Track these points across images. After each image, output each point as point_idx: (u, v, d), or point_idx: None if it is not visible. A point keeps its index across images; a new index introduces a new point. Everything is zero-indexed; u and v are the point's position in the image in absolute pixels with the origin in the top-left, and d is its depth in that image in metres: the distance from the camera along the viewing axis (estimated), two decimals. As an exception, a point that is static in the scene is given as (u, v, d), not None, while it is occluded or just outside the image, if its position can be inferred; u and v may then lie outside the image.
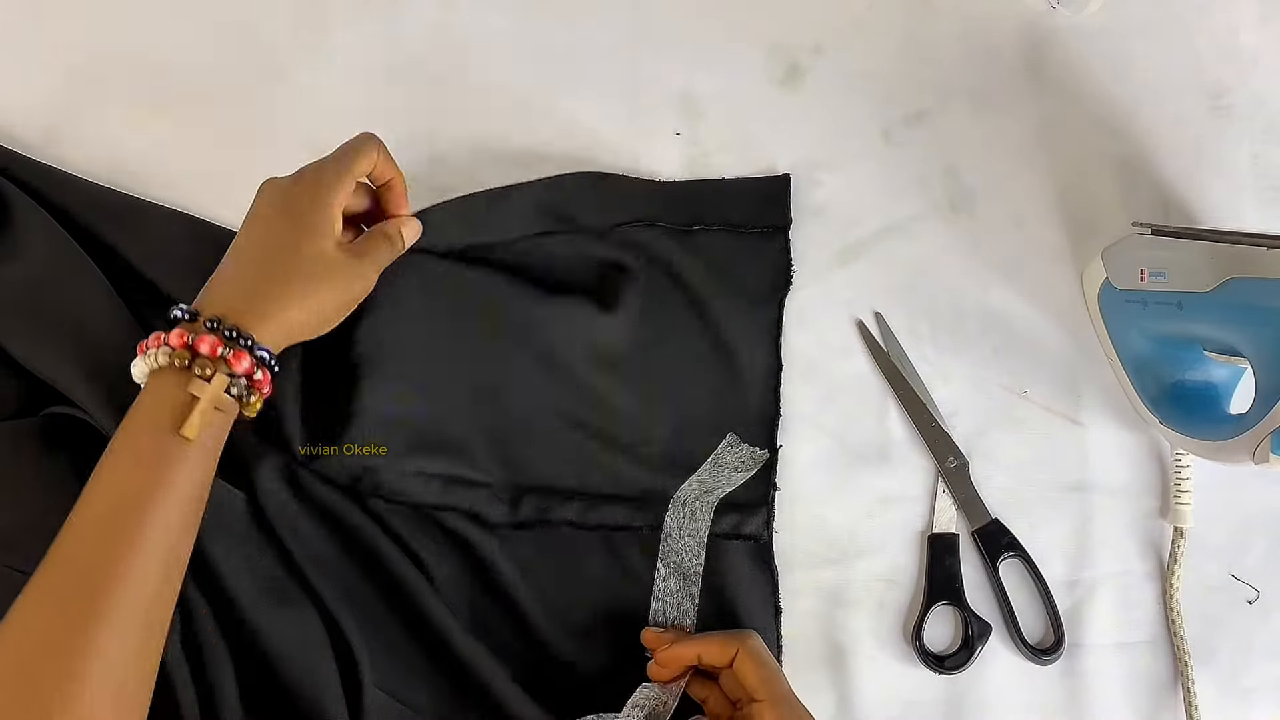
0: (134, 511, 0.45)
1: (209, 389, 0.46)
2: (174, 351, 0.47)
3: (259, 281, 0.49)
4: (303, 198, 0.52)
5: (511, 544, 0.59)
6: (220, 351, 0.47)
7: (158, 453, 0.46)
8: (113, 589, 0.44)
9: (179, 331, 0.47)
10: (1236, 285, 0.51)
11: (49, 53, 0.66)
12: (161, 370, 0.47)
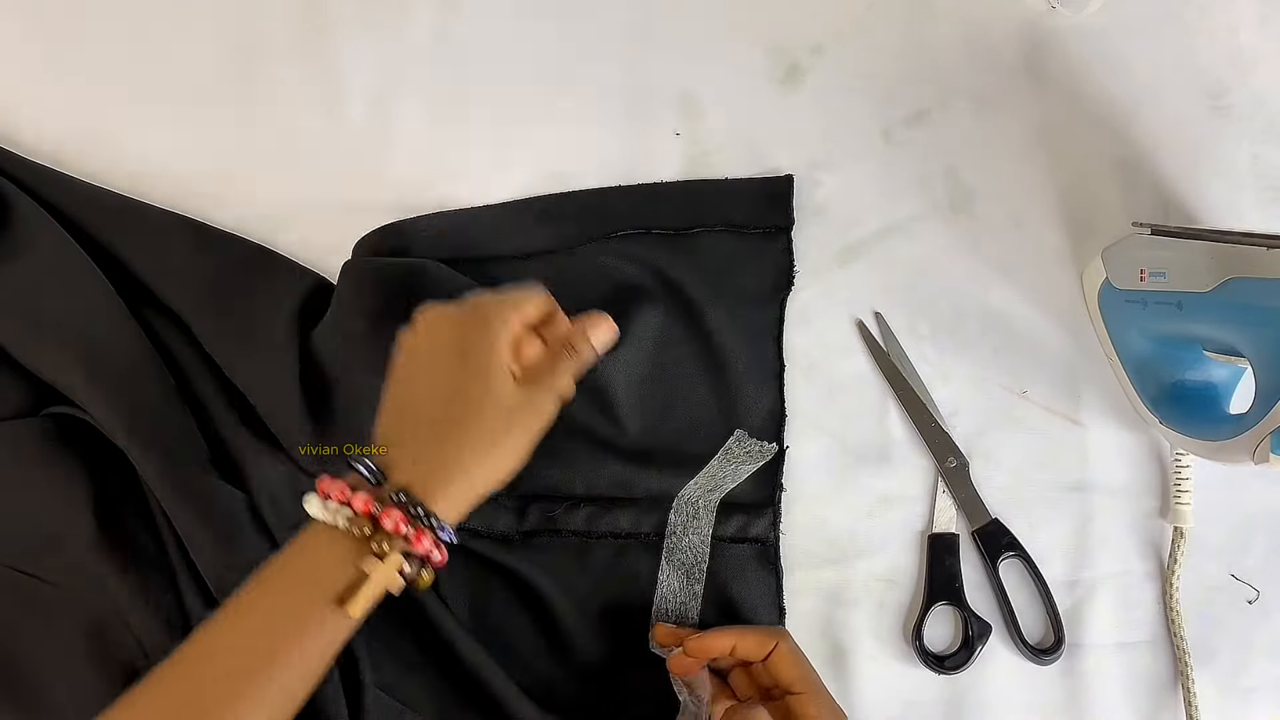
0: (266, 667, 0.42)
1: (382, 569, 0.43)
2: (355, 517, 0.44)
3: (443, 444, 0.45)
4: (473, 335, 0.47)
5: (515, 547, 0.59)
6: (403, 529, 0.44)
7: (311, 617, 0.43)
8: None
9: (364, 497, 0.44)
10: (1236, 285, 0.51)
11: (49, 54, 0.66)
12: (335, 530, 0.44)
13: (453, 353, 0.47)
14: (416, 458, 0.45)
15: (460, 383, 0.46)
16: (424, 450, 0.45)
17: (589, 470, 0.59)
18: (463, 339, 0.47)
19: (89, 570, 0.57)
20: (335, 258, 0.64)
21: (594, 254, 0.62)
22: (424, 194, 0.64)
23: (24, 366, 0.59)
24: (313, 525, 0.45)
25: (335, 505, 0.44)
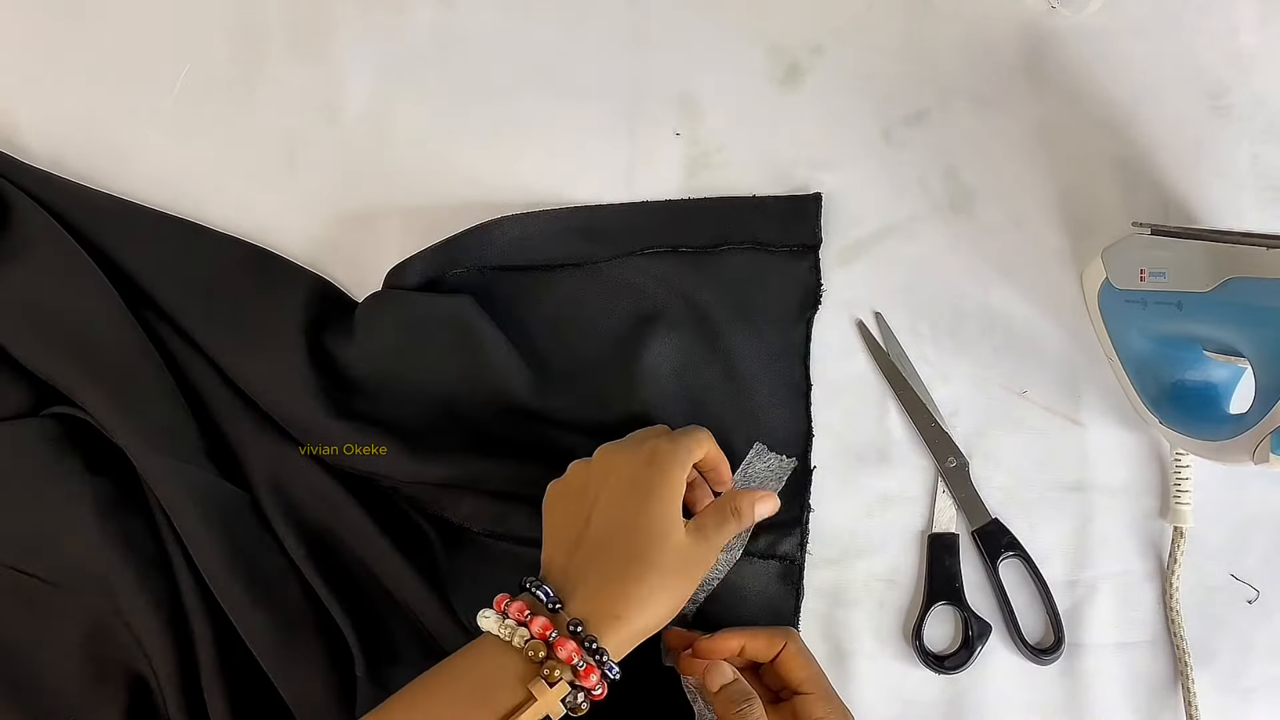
0: None
1: (550, 695, 0.44)
2: (531, 640, 0.45)
3: (622, 584, 0.47)
4: (654, 481, 0.49)
5: (530, 547, 0.59)
6: (575, 661, 0.45)
7: None
8: None
9: (543, 622, 0.45)
10: (1236, 285, 0.51)
11: (48, 57, 0.66)
12: (508, 646, 0.46)
13: (632, 497, 0.49)
14: (593, 593, 0.47)
15: (641, 527, 0.48)
16: (601, 587, 0.47)
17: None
18: (644, 484, 0.49)
19: (89, 570, 0.57)
20: (334, 258, 0.64)
21: (620, 270, 0.62)
22: (423, 194, 0.64)
23: (24, 366, 0.59)
24: (484, 638, 0.47)
25: (513, 623, 0.46)
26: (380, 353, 0.59)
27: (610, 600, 0.47)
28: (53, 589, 0.57)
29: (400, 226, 0.64)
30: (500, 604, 0.47)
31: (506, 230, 0.62)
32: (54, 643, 0.57)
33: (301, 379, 0.59)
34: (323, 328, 0.61)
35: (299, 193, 0.64)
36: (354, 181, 0.65)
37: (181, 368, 0.61)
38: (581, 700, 0.46)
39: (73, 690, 0.56)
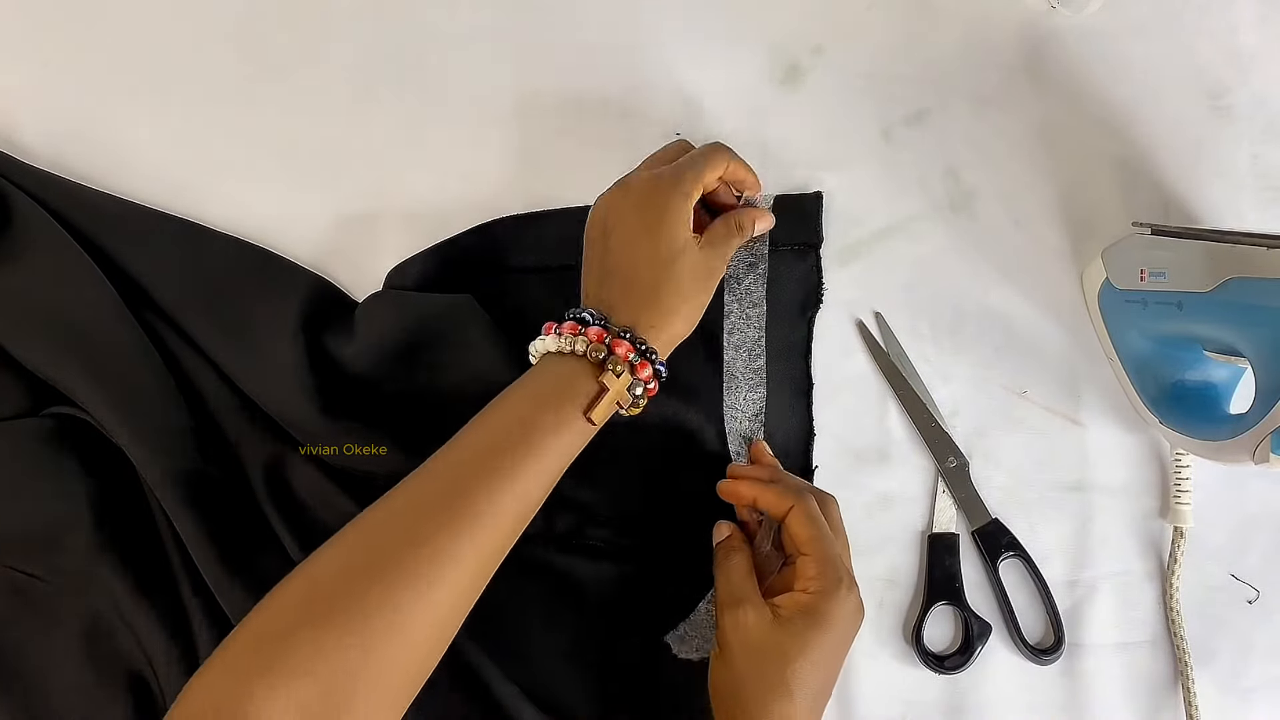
0: (520, 455, 0.48)
1: (618, 384, 0.50)
2: (592, 345, 0.50)
3: (649, 300, 0.53)
4: (656, 205, 0.54)
5: (539, 546, 0.59)
6: (630, 357, 0.51)
7: (561, 416, 0.49)
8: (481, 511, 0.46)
9: (598, 330, 0.51)
10: (1236, 285, 0.51)
11: (47, 57, 0.66)
12: (572, 358, 0.51)
13: (640, 225, 0.54)
14: (628, 311, 0.52)
15: (653, 254, 0.53)
16: (634, 307, 0.52)
17: (618, 490, 0.59)
18: (648, 212, 0.54)
19: (89, 570, 0.57)
20: (334, 258, 0.64)
21: None
22: (423, 195, 0.64)
23: (24, 366, 0.59)
24: (542, 360, 0.52)
25: (570, 337, 0.51)
26: (380, 353, 0.59)
27: (646, 315, 0.52)
28: (53, 589, 0.57)
29: (400, 226, 0.64)
30: (549, 329, 0.52)
31: (507, 231, 0.62)
32: (54, 643, 0.57)
33: (301, 379, 0.59)
34: (322, 328, 0.61)
35: (299, 193, 0.64)
36: (354, 182, 0.65)
37: (181, 368, 0.61)
38: (640, 393, 0.52)
39: (73, 690, 0.57)
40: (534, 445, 0.48)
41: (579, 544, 0.59)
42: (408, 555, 0.44)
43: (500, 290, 0.61)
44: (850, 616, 0.52)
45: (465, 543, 0.45)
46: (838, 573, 0.52)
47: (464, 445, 0.49)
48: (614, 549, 0.59)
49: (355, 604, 0.42)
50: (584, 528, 0.59)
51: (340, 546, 0.45)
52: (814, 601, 0.51)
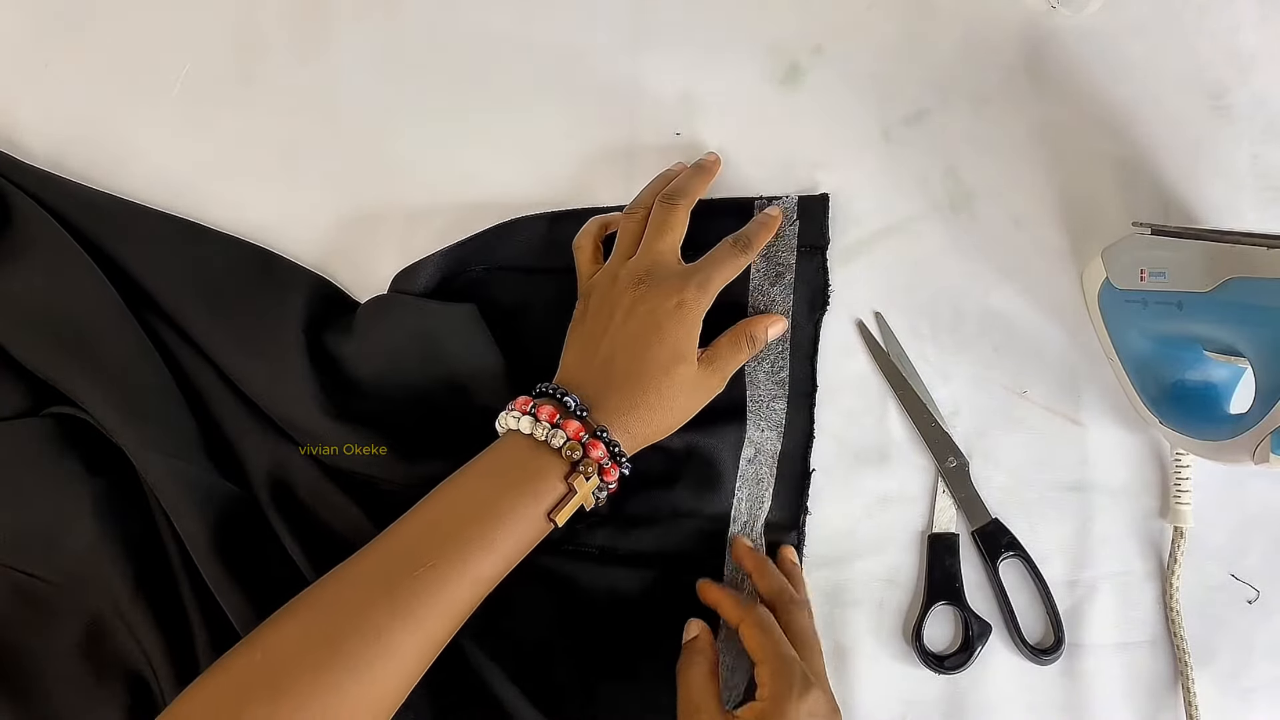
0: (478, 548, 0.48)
1: (585, 488, 0.50)
2: (569, 442, 0.50)
3: (634, 400, 0.52)
4: (675, 324, 0.54)
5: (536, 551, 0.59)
6: (603, 461, 0.51)
7: (524, 517, 0.49)
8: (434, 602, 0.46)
9: (576, 426, 0.50)
10: (1236, 285, 0.51)
11: (47, 57, 0.66)
12: (544, 449, 0.50)
13: (653, 334, 0.53)
14: (611, 407, 0.52)
15: (655, 362, 0.53)
16: (616, 403, 0.52)
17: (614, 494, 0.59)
18: (666, 327, 0.54)
19: (89, 570, 0.57)
20: (334, 258, 0.64)
21: None
22: (424, 195, 0.64)
23: (24, 366, 0.59)
24: (513, 439, 0.51)
25: (546, 425, 0.50)
26: (381, 355, 0.59)
27: (625, 417, 0.52)
28: (53, 589, 0.57)
29: (401, 227, 0.64)
30: (524, 405, 0.51)
31: (517, 233, 0.62)
32: (54, 643, 0.57)
33: (302, 379, 0.59)
34: (323, 328, 0.61)
35: (299, 193, 0.64)
36: (354, 181, 0.65)
37: (181, 368, 0.61)
38: (604, 497, 0.52)
39: (73, 690, 0.56)
40: (493, 540, 0.48)
41: (575, 550, 0.59)
42: (358, 645, 0.45)
43: (502, 292, 0.61)
44: (809, 717, 0.50)
45: (418, 634, 0.46)
46: (790, 679, 0.51)
47: (422, 525, 0.49)
48: (611, 555, 0.59)
49: (311, 684, 0.43)
50: (579, 534, 0.59)
51: (296, 623, 0.46)
52: (767, 708, 0.50)
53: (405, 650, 0.46)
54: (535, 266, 0.62)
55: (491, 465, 0.51)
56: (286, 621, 0.46)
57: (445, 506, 0.49)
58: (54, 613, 0.57)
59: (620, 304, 0.55)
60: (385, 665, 0.45)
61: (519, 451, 0.50)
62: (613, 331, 0.54)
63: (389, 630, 0.45)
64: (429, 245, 0.62)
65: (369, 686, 0.45)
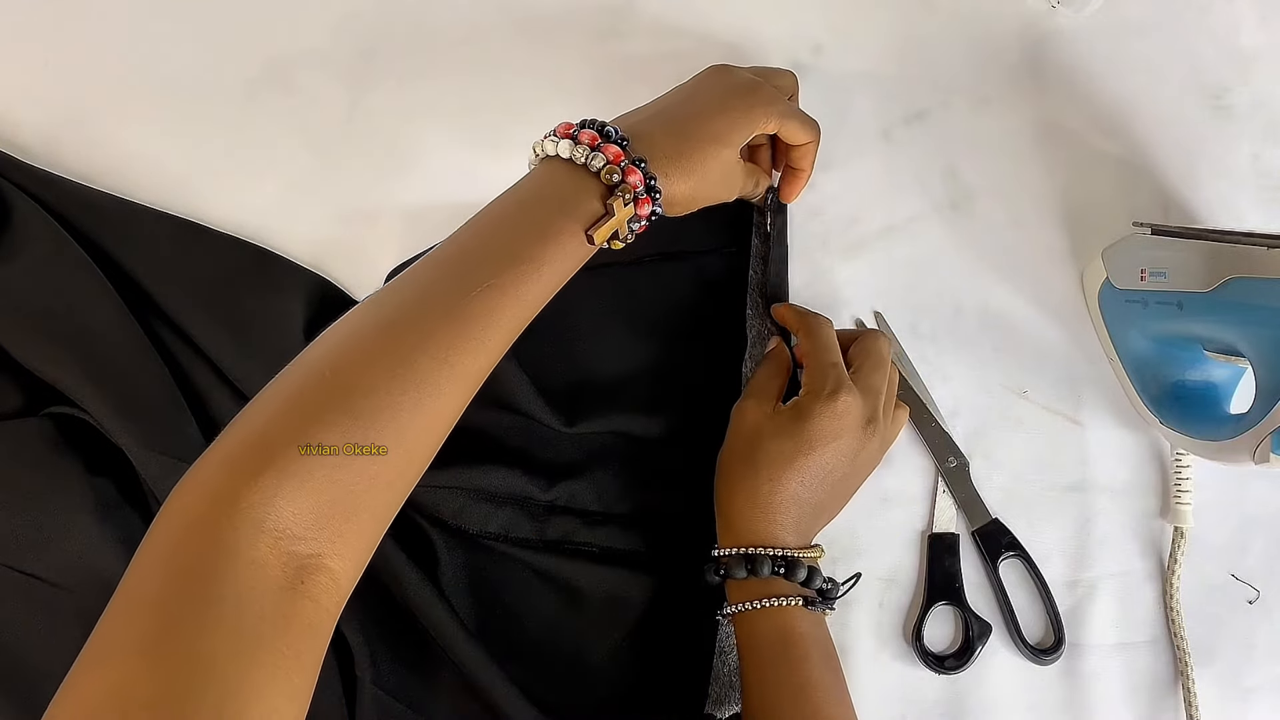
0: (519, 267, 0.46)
1: (622, 214, 0.49)
2: (609, 165, 0.49)
3: (676, 149, 0.52)
4: (742, 100, 0.54)
5: (536, 550, 0.59)
6: (638, 189, 0.49)
7: (564, 233, 0.48)
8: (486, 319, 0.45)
9: (616, 150, 0.49)
10: (1236, 285, 0.51)
11: (46, 56, 0.66)
12: (582, 172, 0.49)
13: (718, 101, 0.54)
14: (652, 143, 0.51)
15: (708, 123, 0.53)
16: (658, 140, 0.51)
17: (613, 488, 0.59)
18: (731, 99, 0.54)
19: (89, 570, 0.57)
20: (334, 258, 0.64)
21: (621, 275, 0.62)
22: (423, 195, 0.64)
23: (24, 366, 0.59)
24: (553, 164, 0.50)
25: (586, 148, 0.49)
26: None
27: (664, 157, 0.51)
28: (53, 589, 0.57)
29: (400, 226, 0.64)
30: (565, 130, 0.50)
31: None
32: (54, 643, 0.57)
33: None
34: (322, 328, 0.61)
35: (299, 193, 0.64)
36: (354, 181, 0.65)
37: (181, 368, 0.61)
38: (635, 229, 0.51)
39: (73, 690, 0.56)
40: (541, 259, 0.47)
41: (573, 549, 0.59)
42: (427, 366, 0.43)
43: None
44: (832, 417, 0.54)
45: (479, 356, 0.45)
46: (823, 380, 0.55)
47: (476, 247, 0.48)
48: (608, 554, 0.59)
49: (388, 408, 0.42)
50: (578, 533, 0.59)
51: (363, 341, 0.44)
52: (800, 402, 0.55)
53: (469, 370, 0.45)
54: None
55: (533, 189, 0.50)
56: (352, 340, 0.44)
57: (492, 226, 0.48)
58: (54, 613, 0.57)
59: (702, 76, 0.56)
60: (452, 385, 0.44)
61: (559, 175, 0.50)
62: (671, 97, 0.55)
63: (455, 350, 0.44)
64: (427, 244, 0.62)
65: (439, 405, 0.44)
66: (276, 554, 0.37)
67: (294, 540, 0.38)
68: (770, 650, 0.52)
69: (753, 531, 0.54)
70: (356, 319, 0.45)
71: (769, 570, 0.53)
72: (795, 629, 0.52)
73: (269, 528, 0.38)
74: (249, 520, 0.37)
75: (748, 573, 0.53)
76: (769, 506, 0.54)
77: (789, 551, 0.53)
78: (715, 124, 0.53)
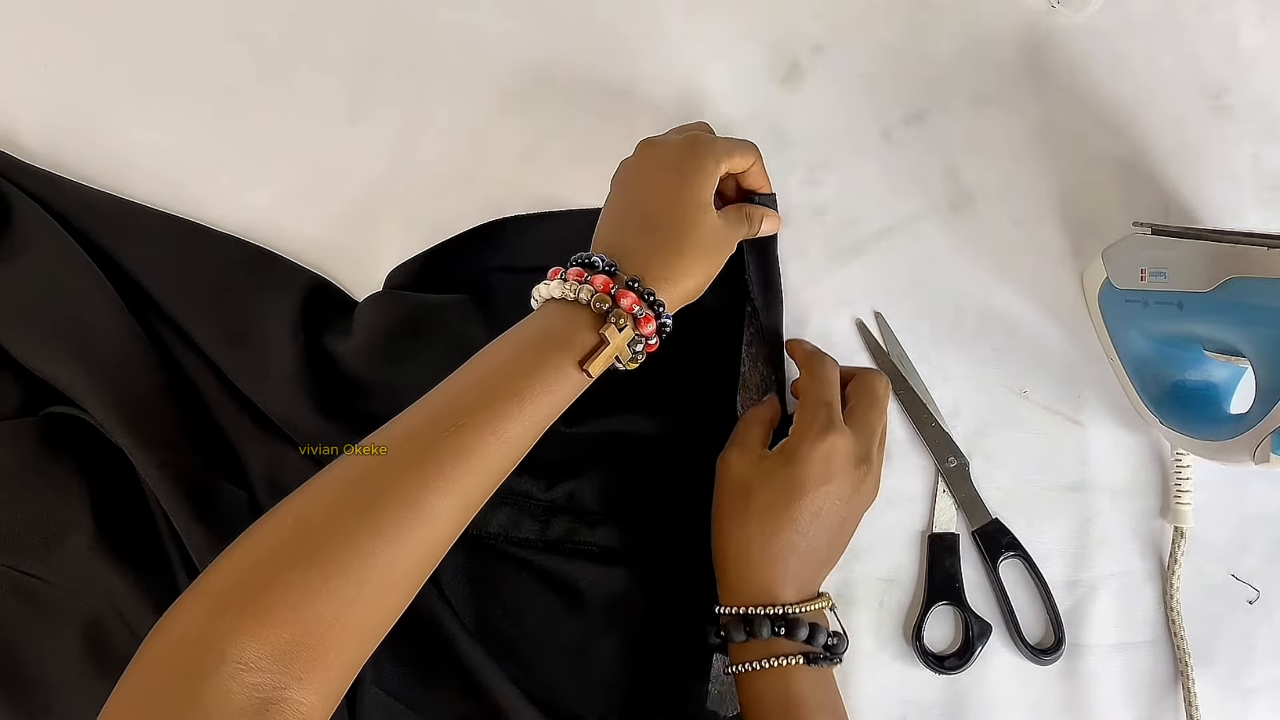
0: (512, 404, 0.46)
1: (619, 338, 0.48)
2: (596, 294, 0.48)
3: (663, 249, 0.51)
4: (689, 162, 0.54)
5: (537, 551, 0.59)
6: (635, 310, 0.49)
7: (558, 368, 0.47)
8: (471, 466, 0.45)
9: (604, 279, 0.49)
10: (1236, 285, 0.51)
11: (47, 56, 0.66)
12: (574, 306, 0.49)
13: (672, 176, 0.53)
14: (642, 259, 0.51)
15: (680, 205, 0.52)
16: (650, 254, 0.51)
17: (613, 488, 0.59)
18: (681, 166, 0.53)
19: (89, 570, 0.57)
20: (334, 258, 0.64)
21: None
22: (423, 195, 0.64)
23: (24, 366, 0.59)
24: (545, 306, 0.50)
25: (575, 283, 0.49)
26: (379, 353, 0.59)
27: (659, 265, 0.51)
28: (53, 589, 0.57)
29: (400, 226, 0.64)
30: (555, 273, 0.50)
31: (507, 232, 0.62)
32: (54, 643, 0.57)
33: (300, 379, 0.59)
34: (322, 328, 0.61)
35: (299, 193, 0.64)
36: (354, 182, 0.65)
37: (181, 368, 0.61)
38: (640, 349, 0.50)
39: (72, 690, 0.56)
40: (524, 394, 0.46)
41: (573, 549, 0.59)
42: (394, 511, 0.43)
43: (499, 291, 0.61)
44: (822, 459, 0.53)
45: (452, 497, 0.44)
46: (813, 420, 0.54)
47: (456, 388, 0.47)
48: (608, 554, 0.59)
49: (347, 550, 0.41)
50: (578, 532, 0.59)
51: (329, 489, 0.44)
52: (789, 444, 0.54)
53: (441, 514, 0.44)
54: (524, 266, 0.62)
55: (523, 329, 0.50)
56: (318, 489, 0.44)
57: (475, 370, 0.48)
58: (54, 613, 0.57)
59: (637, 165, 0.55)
60: (421, 531, 0.43)
61: (552, 313, 0.49)
62: (635, 190, 0.54)
63: (422, 494, 0.43)
64: (427, 244, 0.62)
65: (405, 551, 0.43)
66: (240, 686, 0.38)
67: (257, 673, 0.39)
68: (773, 712, 0.51)
69: (750, 588, 0.52)
70: (336, 465, 0.45)
71: (768, 632, 0.51)
72: (797, 691, 0.51)
73: (232, 660, 0.38)
74: (214, 654, 0.38)
75: (746, 635, 0.51)
76: (764, 560, 0.52)
77: (789, 608, 0.51)
78: (682, 197, 0.53)
